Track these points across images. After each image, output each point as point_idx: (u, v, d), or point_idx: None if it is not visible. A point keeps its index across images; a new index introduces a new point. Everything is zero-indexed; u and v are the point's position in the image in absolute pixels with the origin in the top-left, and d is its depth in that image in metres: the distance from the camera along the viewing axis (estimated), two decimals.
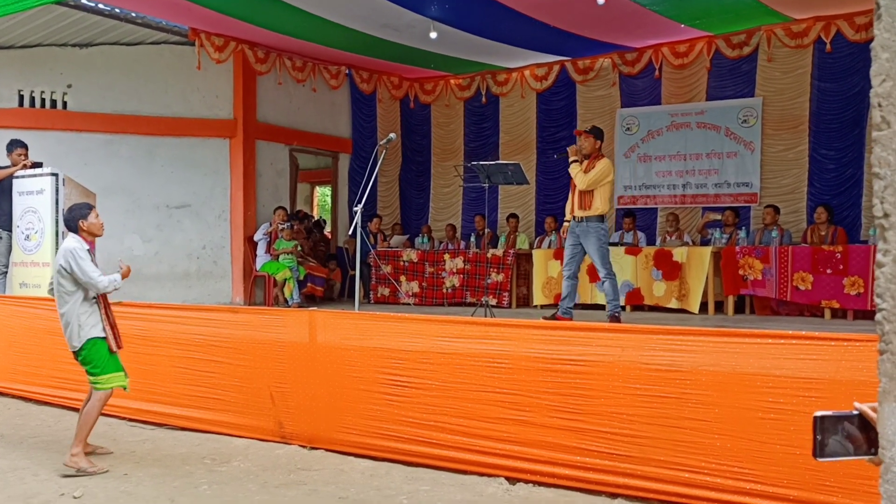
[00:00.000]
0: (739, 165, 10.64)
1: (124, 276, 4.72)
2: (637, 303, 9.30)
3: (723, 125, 10.72)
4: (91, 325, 4.66)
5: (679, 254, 9.02)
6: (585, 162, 7.49)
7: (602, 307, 9.43)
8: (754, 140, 10.51)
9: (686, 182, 11.04)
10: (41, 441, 5.36)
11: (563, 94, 11.93)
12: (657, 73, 10.95)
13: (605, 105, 11.69)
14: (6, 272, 7.99)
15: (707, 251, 8.94)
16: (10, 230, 7.85)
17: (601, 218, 7.45)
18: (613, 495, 3.94)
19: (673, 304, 8.99)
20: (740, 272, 8.80)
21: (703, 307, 8.87)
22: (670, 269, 9.03)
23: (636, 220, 10.64)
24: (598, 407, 4.05)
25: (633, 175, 11.46)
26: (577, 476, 4.05)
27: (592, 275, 9.52)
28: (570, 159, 7.66)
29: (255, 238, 10.90)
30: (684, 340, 3.87)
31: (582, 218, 7.43)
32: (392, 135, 7.20)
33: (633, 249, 9.45)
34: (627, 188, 11.49)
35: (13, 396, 6.72)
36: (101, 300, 4.73)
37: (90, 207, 4.82)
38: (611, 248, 9.69)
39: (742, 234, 9.51)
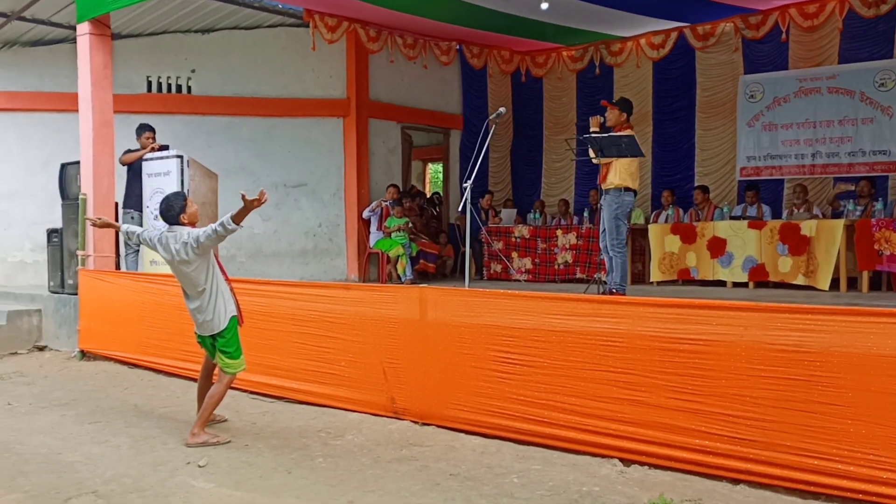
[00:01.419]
0: (875, 132, 9.94)
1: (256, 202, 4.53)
2: (761, 279, 8.87)
3: (857, 89, 10.03)
4: (229, 300, 4.84)
5: (807, 227, 8.53)
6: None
7: (723, 283, 9.09)
8: (893, 104, 9.79)
9: (815, 151, 10.41)
10: (170, 411, 5.63)
11: (681, 62, 11.45)
12: (784, 36, 10.33)
13: (726, 72, 11.15)
14: (138, 250, 8.43)
15: (839, 224, 8.41)
16: (141, 210, 8.26)
17: (618, 190, 7.29)
18: (735, 481, 3.77)
19: (800, 281, 8.53)
20: (876, 246, 8.23)
21: (835, 284, 8.36)
22: (797, 243, 8.55)
23: (760, 193, 10.13)
24: (719, 388, 3.87)
25: (758, 145, 10.90)
26: (695, 459, 3.90)
27: (714, 250, 9.16)
28: (591, 130, 7.53)
29: (364, 216, 11.07)
30: (813, 320, 3.63)
31: (607, 189, 7.36)
32: (501, 109, 7.10)
33: (756, 223, 9.01)
34: (751, 159, 10.95)
35: (145, 368, 7.11)
36: (224, 276, 4.89)
37: (185, 197, 4.90)
38: (733, 221, 9.35)
39: (878, 205, 8.88)
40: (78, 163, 8.33)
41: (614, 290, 7.24)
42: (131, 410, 5.66)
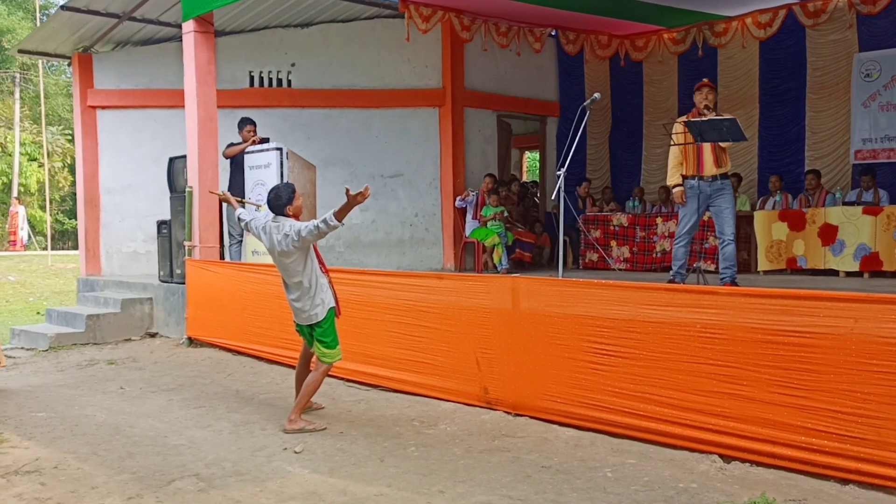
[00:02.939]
0: None
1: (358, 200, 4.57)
2: (875, 269, 8.37)
3: None
4: (329, 295, 4.93)
5: None
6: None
7: (836, 273, 8.64)
8: None
9: None
10: (270, 397, 5.80)
11: (791, 41, 10.91)
12: None
13: (839, 50, 10.56)
14: (241, 241, 8.70)
15: None
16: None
17: (727, 176, 7.02)
18: (844, 481, 3.57)
19: None
20: None
21: None
22: None
23: (876, 177, 9.56)
24: (827, 384, 3.67)
25: (874, 126, 10.29)
26: (800, 457, 3.72)
27: (825, 237, 8.71)
28: (711, 115, 6.96)
29: (456, 205, 11.07)
30: None
31: (716, 176, 6.90)
32: (596, 95, 6.92)
33: (872, 209, 8.50)
34: (866, 141, 10.35)
35: (247, 355, 7.34)
36: (323, 267, 4.98)
37: (293, 190, 4.97)
38: (846, 207, 8.88)
39: None
40: (184, 157, 8.67)
41: (734, 280, 6.92)
42: (233, 396, 5.86)
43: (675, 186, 7.13)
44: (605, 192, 12.33)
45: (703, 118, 6.87)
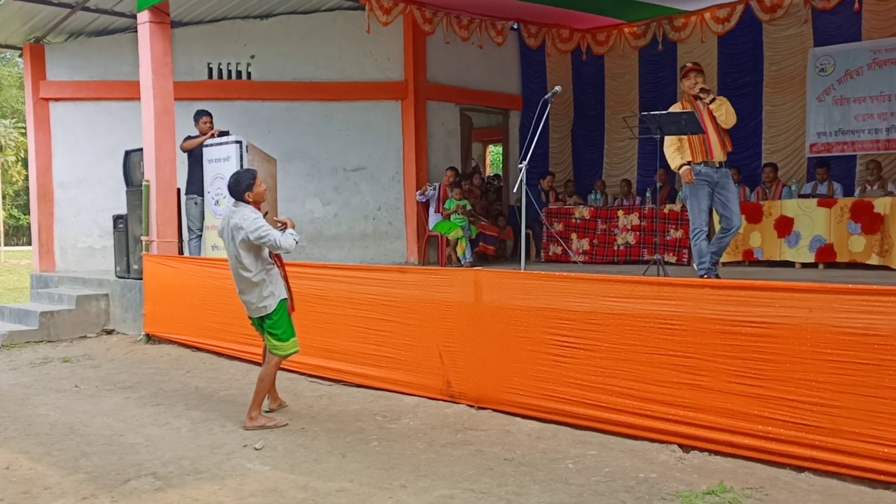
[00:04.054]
0: None
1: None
2: (830, 260, 8.52)
3: None
4: (280, 287, 4.84)
5: (881, 205, 8.16)
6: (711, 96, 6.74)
7: (791, 264, 8.78)
8: None
9: (890, 125, 9.94)
10: (230, 394, 5.73)
11: (748, 35, 11.06)
12: (857, 5, 9.83)
13: (795, 45, 10.73)
14: (201, 235, 8.58)
15: None
16: (203, 196, 8.40)
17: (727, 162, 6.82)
18: (800, 468, 3.63)
19: (873, 261, 8.17)
20: None
21: None
22: (870, 221, 8.19)
23: (831, 170, 9.74)
24: (783, 373, 3.73)
25: (828, 120, 10.48)
26: (758, 446, 3.77)
27: (781, 229, 8.84)
28: (709, 98, 6.74)
29: (417, 199, 11.04)
30: (885, 301, 3.46)
31: (722, 163, 6.67)
32: (557, 88, 6.89)
33: (826, 201, 8.65)
34: (821, 135, 10.54)
35: (207, 351, 7.24)
36: (279, 261, 4.91)
37: (254, 176, 4.86)
38: (802, 199, 9.01)
39: None
40: (141, 150, 8.52)
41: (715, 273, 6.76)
42: (192, 393, 5.78)
43: (681, 167, 6.78)
44: (567, 185, 12.39)
45: (663, 111, 6.89)
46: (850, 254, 8.35)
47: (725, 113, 6.66)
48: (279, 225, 4.82)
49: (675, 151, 6.88)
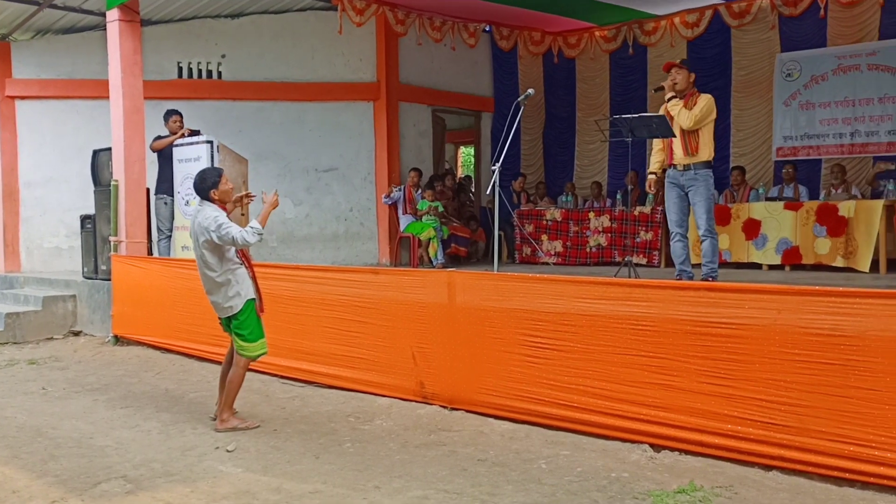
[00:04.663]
0: None
1: (272, 208, 4.74)
2: (796, 262, 8.67)
3: None
4: (247, 287, 4.79)
5: (846, 208, 8.32)
6: (682, 100, 6.67)
7: (759, 266, 8.91)
8: None
9: (854, 130, 10.15)
10: (201, 396, 5.68)
11: (717, 40, 11.21)
12: (822, 12, 10.02)
13: (762, 50, 10.90)
14: (170, 236, 8.50)
15: (878, 204, 8.18)
16: (173, 196, 8.32)
17: (709, 164, 6.62)
18: (768, 467, 3.69)
19: (838, 263, 8.33)
20: None
21: (875, 266, 8.15)
22: (835, 224, 8.34)
23: (797, 174, 9.91)
24: (752, 373, 3.79)
25: (795, 124, 10.66)
26: (727, 445, 3.83)
27: (749, 231, 8.97)
28: (668, 95, 6.74)
29: (384, 202, 11.03)
30: (850, 302, 3.53)
31: (688, 165, 6.57)
32: (530, 90, 6.92)
33: (793, 204, 8.80)
34: (788, 139, 10.72)
35: (177, 353, 7.17)
36: (247, 262, 4.86)
37: (220, 174, 4.80)
38: (769, 202, 9.14)
39: None
40: (109, 149, 8.41)
41: (713, 277, 6.61)
42: (162, 395, 5.72)
43: (649, 174, 6.88)
44: (538, 187, 12.47)
45: (635, 115, 6.95)
46: (816, 256, 8.50)
47: (678, 113, 6.61)
48: (245, 200, 4.77)
49: (653, 154, 6.92)
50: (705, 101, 6.61)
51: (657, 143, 6.90)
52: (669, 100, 6.74)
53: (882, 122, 9.93)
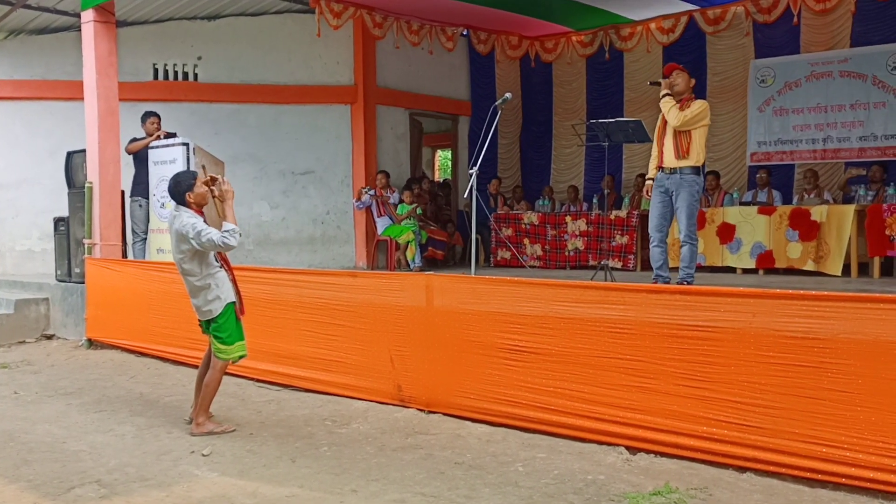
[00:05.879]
0: (888, 116, 9.81)
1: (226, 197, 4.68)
2: (769, 266, 8.78)
3: (869, 73, 9.90)
4: (227, 290, 4.76)
5: (818, 213, 8.43)
6: (678, 103, 6.63)
7: (733, 270, 9.00)
8: None
9: (827, 136, 10.30)
10: (176, 400, 5.63)
11: (692, 46, 11.32)
12: (795, 19, 10.17)
13: (737, 57, 11.03)
14: (146, 238, 8.43)
15: (850, 209, 8.30)
16: (148, 198, 8.25)
17: (697, 170, 6.51)
18: (742, 469, 3.73)
19: (809, 266, 8.43)
20: (887, 232, 8.13)
21: (846, 270, 8.27)
22: (808, 228, 8.46)
23: (770, 179, 10.03)
24: (727, 375, 3.83)
25: (769, 130, 10.80)
26: (702, 447, 3.86)
27: (723, 236, 9.07)
28: (662, 92, 6.69)
29: (356, 207, 11.02)
30: (822, 306, 3.58)
31: (675, 168, 6.49)
32: (507, 94, 6.94)
33: (766, 209, 8.91)
34: (762, 144, 10.85)
35: (152, 356, 7.11)
36: (226, 265, 4.84)
37: (195, 177, 4.73)
38: (743, 207, 9.24)
39: (890, 190, 8.75)
40: (84, 151, 8.33)
41: (688, 282, 6.56)
42: (137, 399, 5.66)
43: (647, 179, 6.82)
44: (515, 190, 12.51)
45: (612, 119, 6.99)
46: (788, 260, 8.60)
47: (668, 111, 6.60)
48: (212, 185, 4.69)
49: (651, 161, 6.87)
50: (699, 105, 6.59)
51: (655, 149, 6.89)
52: (663, 97, 6.73)
53: (853, 129, 10.08)
